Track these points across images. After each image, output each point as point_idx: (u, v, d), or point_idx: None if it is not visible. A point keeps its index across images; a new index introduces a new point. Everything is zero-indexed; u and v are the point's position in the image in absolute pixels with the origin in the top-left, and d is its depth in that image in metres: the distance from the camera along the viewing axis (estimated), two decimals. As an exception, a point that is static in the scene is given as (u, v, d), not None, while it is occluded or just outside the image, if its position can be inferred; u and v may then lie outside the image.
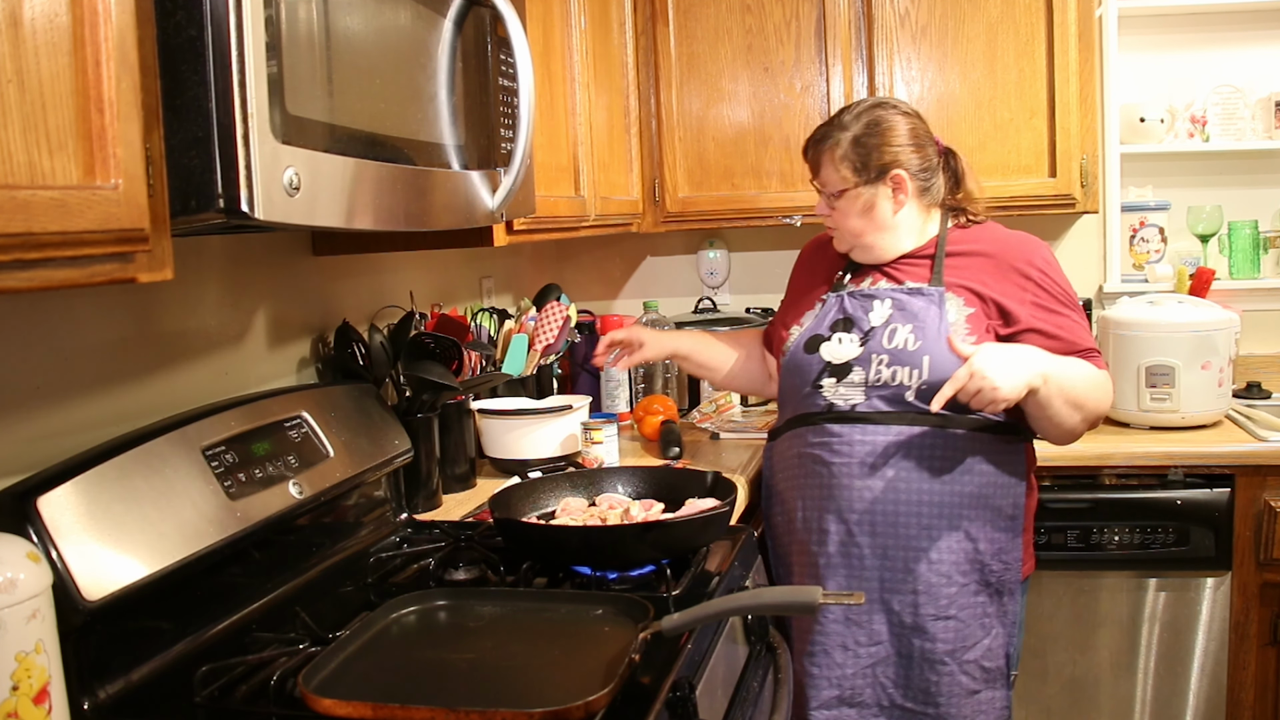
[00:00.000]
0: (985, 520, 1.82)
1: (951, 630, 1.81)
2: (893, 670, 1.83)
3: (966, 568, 1.81)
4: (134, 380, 1.50)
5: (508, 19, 1.53)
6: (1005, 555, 1.84)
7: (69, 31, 0.88)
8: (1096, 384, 1.81)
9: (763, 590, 1.55)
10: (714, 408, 2.71)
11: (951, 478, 1.80)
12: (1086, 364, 1.81)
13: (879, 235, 1.90)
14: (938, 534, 1.80)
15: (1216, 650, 2.38)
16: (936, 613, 1.80)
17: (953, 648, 1.81)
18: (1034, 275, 1.85)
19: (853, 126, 1.87)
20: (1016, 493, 1.85)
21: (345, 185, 1.19)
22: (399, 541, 1.78)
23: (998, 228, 1.96)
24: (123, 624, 1.22)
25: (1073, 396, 1.76)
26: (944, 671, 1.81)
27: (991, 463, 1.82)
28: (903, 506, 1.80)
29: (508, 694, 1.16)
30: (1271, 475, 2.32)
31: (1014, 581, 1.85)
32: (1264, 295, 2.92)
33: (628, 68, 2.70)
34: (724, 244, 3.21)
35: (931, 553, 1.80)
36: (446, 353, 2.03)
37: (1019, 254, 1.87)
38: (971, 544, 1.81)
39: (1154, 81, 2.96)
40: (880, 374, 1.81)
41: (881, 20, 2.67)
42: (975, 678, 1.83)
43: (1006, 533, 1.84)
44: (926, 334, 1.80)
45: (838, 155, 1.87)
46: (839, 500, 1.83)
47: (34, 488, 1.17)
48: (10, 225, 0.81)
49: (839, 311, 1.91)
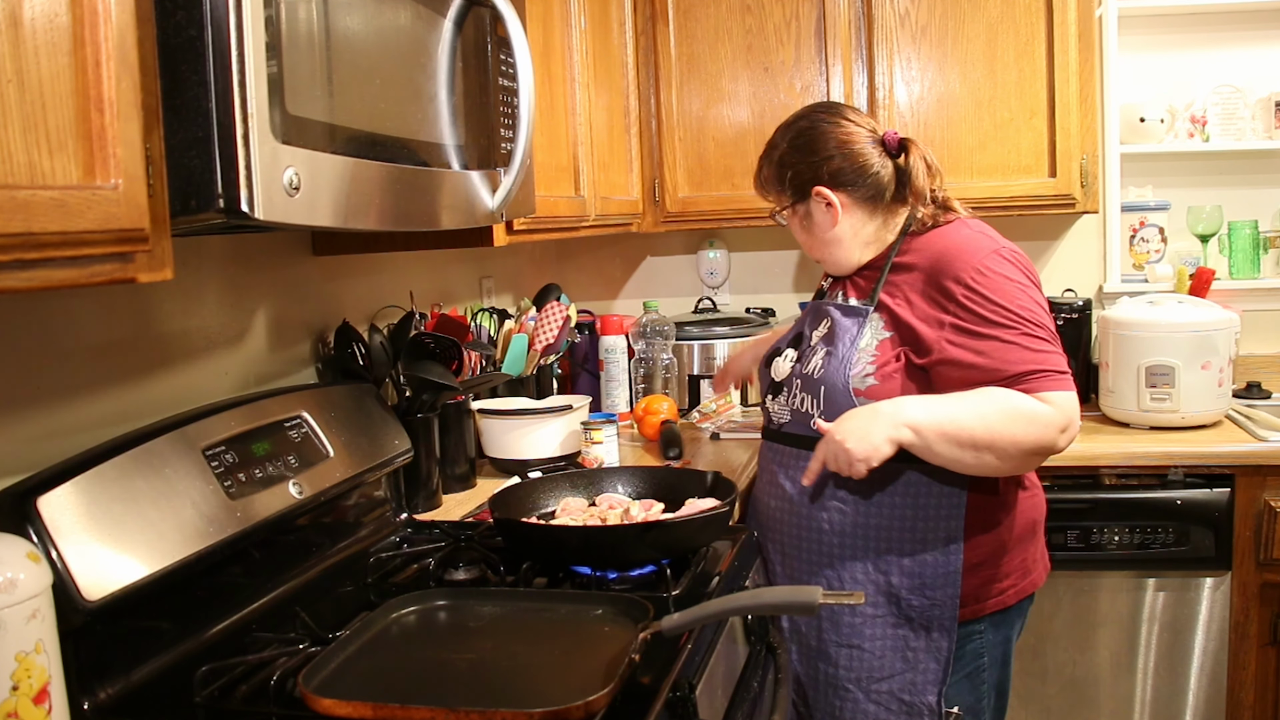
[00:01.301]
0: (902, 553, 1.70)
1: (856, 659, 1.73)
2: (800, 691, 1.81)
3: (877, 599, 1.72)
4: (134, 380, 1.50)
5: (508, 19, 1.53)
6: (931, 591, 1.70)
7: (69, 31, 0.88)
8: (1015, 416, 1.58)
9: (763, 590, 1.55)
10: (714, 407, 2.71)
11: (862, 508, 1.71)
12: (1006, 395, 1.59)
13: (826, 250, 1.82)
14: (840, 563, 1.73)
15: (1216, 650, 2.38)
16: (839, 640, 1.74)
17: (858, 675, 1.73)
18: (957, 293, 1.63)
19: (781, 144, 1.82)
20: (950, 527, 1.69)
21: (345, 185, 1.19)
22: (399, 541, 1.78)
23: (952, 233, 1.73)
24: (123, 624, 1.22)
25: (965, 439, 1.57)
26: (847, 698, 1.74)
27: (911, 499, 1.70)
28: (804, 531, 1.76)
29: (508, 694, 1.16)
30: (1271, 475, 2.32)
31: (944, 618, 1.70)
32: (1264, 295, 2.92)
33: (628, 68, 2.70)
34: (724, 244, 3.21)
35: (833, 581, 1.74)
36: (446, 353, 2.03)
37: (948, 267, 1.66)
38: (882, 576, 1.71)
39: (1154, 81, 2.96)
40: (796, 397, 1.78)
41: (881, 20, 2.67)
42: (890, 709, 1.73)
43: (934, 570, 1.69)
44: (831, 361, 1.72)
45: (767, 176, 1.86)
46: (764, 518, 1.85)
47: (34, 488, 1.17)
48: (10, 225, 0.81)
49: (800, 325, 1.89)
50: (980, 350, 1.61)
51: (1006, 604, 1.76)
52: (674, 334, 2.84)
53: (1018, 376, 1.59)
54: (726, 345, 2.85)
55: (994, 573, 1.74)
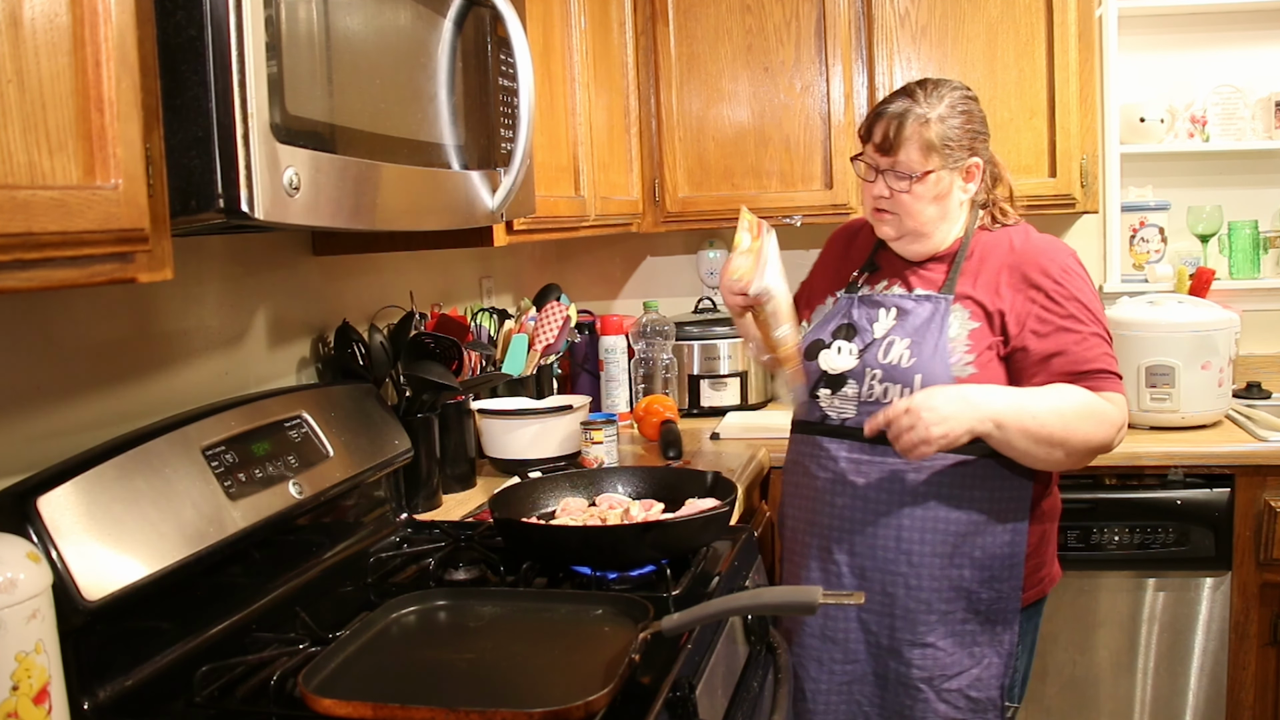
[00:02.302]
0: (976, 548, 1.72)
1: (929, 658, 1.73)
2: (869, 690, 1.79)
3: (950, 595, 1.72)
4: (134, 380, 1.50)
5: (508, 19, 1.53)
6: (999, 584, 1.73)
7: (69, 31, 0.88)
8: (1087, 415, 1.65)
9: (763, 590, 1.55)
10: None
11: (939, 504, 1.71)
12: (1079, 393, 1.66)
13: (941, 225, 1.76)
14: (918, 560, 1.72)
15: (1216, 650, 2.37)
16: (913, 639, 1.73)
17: (929, 675, 1.73)
18: (1045, 285, 1.70)
19: (936, 105, 1.71)
20: (1017, 523, 1.73)
21: (345, 185, 1.19)
22: (399, 541, 1.78)
23: (1027, 231, 1.81)
24: (123, 624, 1.22)
25: (1043, 436, 1.62)
26: (919, 698, 1.73)
27: (988, 490, 1.72)
28: (882, 529, 1.73)
29: (508, 694, 1.16)
30: (1271, 475, 2.32)
31: (1010, 611, 1.74)
32: (1264, 295, 2.92)
33: (628, 68, 2.70)
34: (724, 244, 3.20)
35: (911, 579, 1.72)
36: (446, 353, 2.02)
37: (1034, 261, 1.73)
38: (957, 571, 1.72)
39: (1154, 81, 2.96)
40: (873, 390, 1.73)
41: (881, 20, 2.67)
42: (958, 707, 1.73)
43: (1002, 561, 1.73)
44: (922, 351, 1.71)
45: (927, 135, 1.70)
46: (819, 516, 1.80)
47: (34, 488, 1.17)
48: (10, 225, 0.81)
49: (844, 317, 1.82)
50: (1062, 342, 1.68)
51: (1044, 592, 1.83)
52: (674, 334, 2.84)
53: (1090, 373, 1.67)
54: (726, 345, 2.85)
55: (1039, 561, 1.80)
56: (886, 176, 1.74)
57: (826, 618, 1.78)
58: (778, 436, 2.35)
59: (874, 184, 1.76)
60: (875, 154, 1.75)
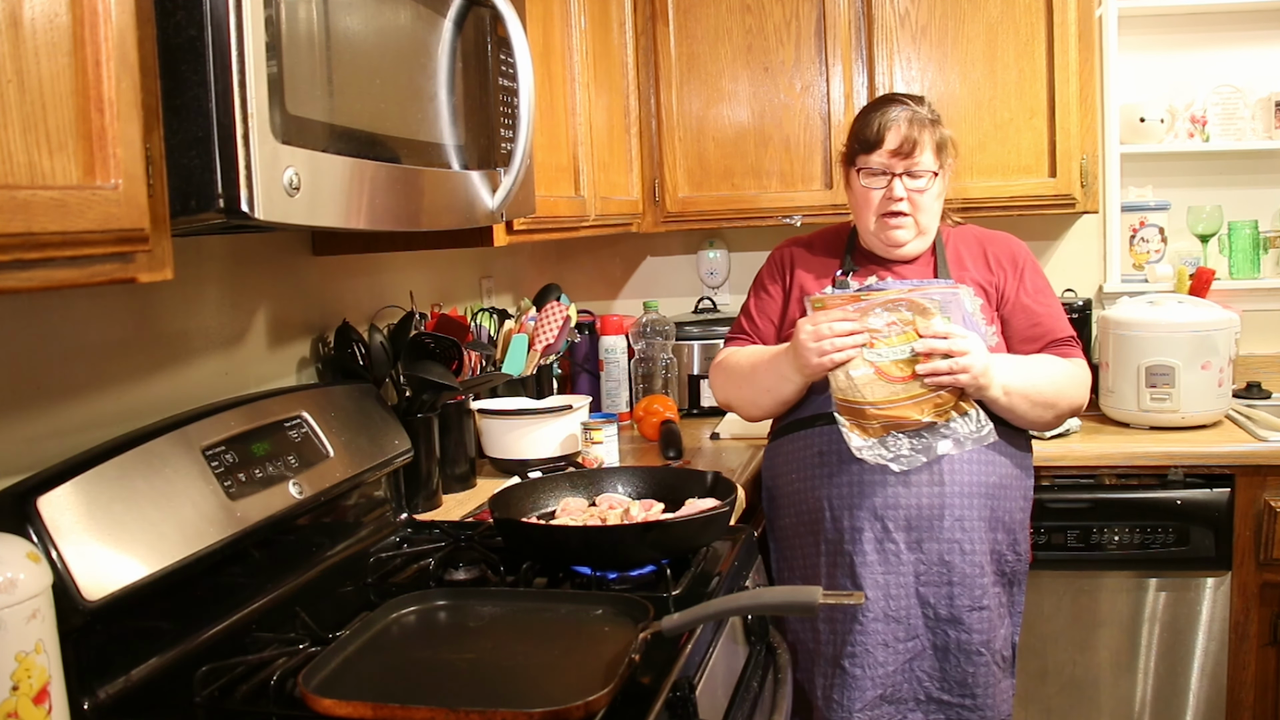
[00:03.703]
0: (1005, 511, 1.86)
1: (985, 620, 1.83)
2: (928, 664, 1.84)
3: (983, 562, 1.83)
4: (134, 380, 1.50)
5: (508, 19, 1.53)
6: (1018, 546, 1.89)
7: (69, 31, 0.88)
8: (1069, 380, 1.89)
9: (763, 590, 1.55)
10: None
11: (979, 470, 1.83)
12: (1060, 361, 1.90)
13: (935, 222, 1.95)
14: (969, 525, 1.82)
15: (1216, 650, 2.37)
16: (971, 603, 1.82)
17: (987, 638, 1.83)
18: (1019, 265, 1.96)
19: (934, 114, 1.91)
20: (1027, 485, 1.91)
21: (345, 185, 1.19)
22: (399, 541, 1.78)
23: (979, 229, 2.05)
24: (123, 624, 1.22)
25: (1041, 399, 1.85)
26: (980, 662, 1.82)
27: (1008, 456, 1.86)
28: (938, 500, 1.82)
29: (508, 694, 1.16)
30: (1271, 475, 2.32)
31: (1024, 572, 1.91)
32: (1264, 295, 2.92)
33: (628, 68, 2.70)
34: (724, 244, 3.21)
35: (965, 544, 1.82)
36: (446, 353, 2.02)
37: (1003, 247, 1.99)
38: (993, 535, 1.85)
39: (1154, 81, 2.96)
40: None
41: (881, 20, 2.67)
42: (1001, 667, 1.86)
43: (1020, 525, 1.89)
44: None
45: (936, 136, 1.89)
46: (873, 497, 1.83)
47: (34, 488, 1.17)
48: (10, 225, 0.81)
49: None
50: (1038, 315, 1.93)
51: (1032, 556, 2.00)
52: (674, 334, 2.84)
53: (1060, 341, 1.93)
54: (726, 345, 2.84)
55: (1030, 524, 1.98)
56: (904, 179, 1.86)
57: (888, 598, 1.83)
58: (778, 436, 2.35)
59: (888, 188, 1.87)
60: (890, 158, 1.87)
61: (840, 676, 1.84)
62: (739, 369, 2.00)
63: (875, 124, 1.88)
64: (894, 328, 1.77)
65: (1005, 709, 1.88)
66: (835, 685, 1.84)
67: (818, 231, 2.15)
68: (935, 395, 1.76)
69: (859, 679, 1.82)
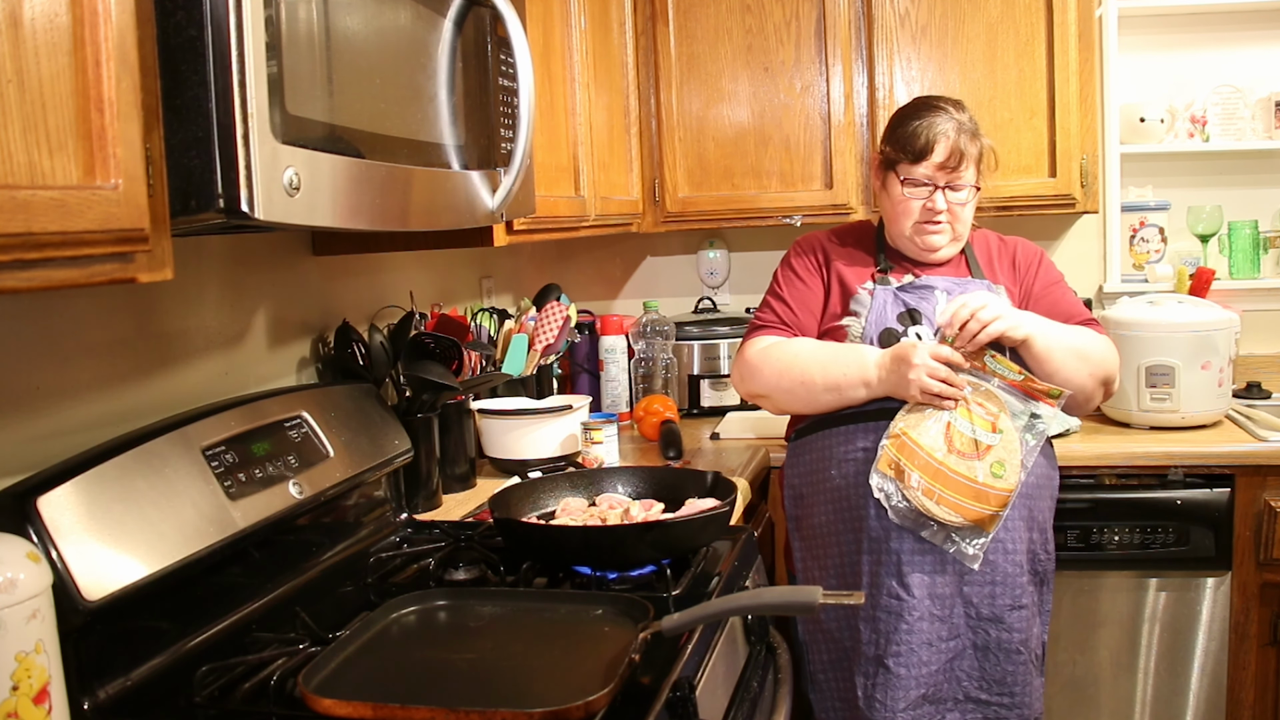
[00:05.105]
0: (1039, 511, 1.87)
1: (1023, 619, 1.83)
2: (968, 663, 1.84)
3: (1027, 557, 1.85)
4: (134, 380, 1.50)
5: (508, 19, 1.53)
6: (1048, 545, 1.91)
7: (69, 31, 0.88)
8: (1099, 342, 1.94)
9: (763, 590, 1.55)
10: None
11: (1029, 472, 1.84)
12: (1085, 329, 1.95)
13: (969, 229, 2.01)
14: (1011, 525, 1.82)
15: (1216, 650, 2.37)
16: (1011, 602, 1.82)
17: (1025, 636, 1.83)
18: (1038, 262, 2.06)
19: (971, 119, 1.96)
20: (1055, 484, 1.94)
21: (345, 185, 1.19)
22: (399, 541, 1.78)
23: (991, 233, 2.12)
24: (123, 624, 1.22)
25: (1073, 348, 1.88)
26: (1019, 660, 1.83)
27: (1043, 455, 1.88)
28: None
29: (508, 694, 1.16)
30: (1271, 475, 2.32)
31: (1052, 571, 1.92)
32: (1264, 295, 2.92)
33: (628, 68, 2.70)
34: (724, 244, 3.21)
35: (1007, 543, 1.82)
36: (446, 353, 2.02)
37: (1018, 250, 2.08)
38: (1029, 534, 1.85)
39: (1154, 81, 2.96)
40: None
41: (881, 20, 2.67)
42: (1035, 665, 1.87)
43: (1049, 524, 1.92)
44: None
45: (981, 148, 1.96)
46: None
47: (34, 488, 1.17)
48: (10, 225, 0.81)
49: (898, 304, 1.92)
50: (1059, 302, 2.01)
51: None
52: (674, 334, 2.84)
53: (1089, 320, 2.01)
54: (726, 345, 2.85)
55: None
56: (946, 192, 1.92)
57: (933, 598, 1.82)
58: (778, 437, 2.35)
59: (929, 199, 1.93)
60: (936, 171, 1.91)
61: (884, 676, 1.81)
62: (795, 362, 1.94)
63: (923, 135, 1.90)
64: (980, 409, 1.81)
65: (1038, 706, 1.88)
66: (879, 685, 1.82)
67: (836, 228, 2.14)
68: (975, 508, 1.78)
69: (903, 678, 1.81)
